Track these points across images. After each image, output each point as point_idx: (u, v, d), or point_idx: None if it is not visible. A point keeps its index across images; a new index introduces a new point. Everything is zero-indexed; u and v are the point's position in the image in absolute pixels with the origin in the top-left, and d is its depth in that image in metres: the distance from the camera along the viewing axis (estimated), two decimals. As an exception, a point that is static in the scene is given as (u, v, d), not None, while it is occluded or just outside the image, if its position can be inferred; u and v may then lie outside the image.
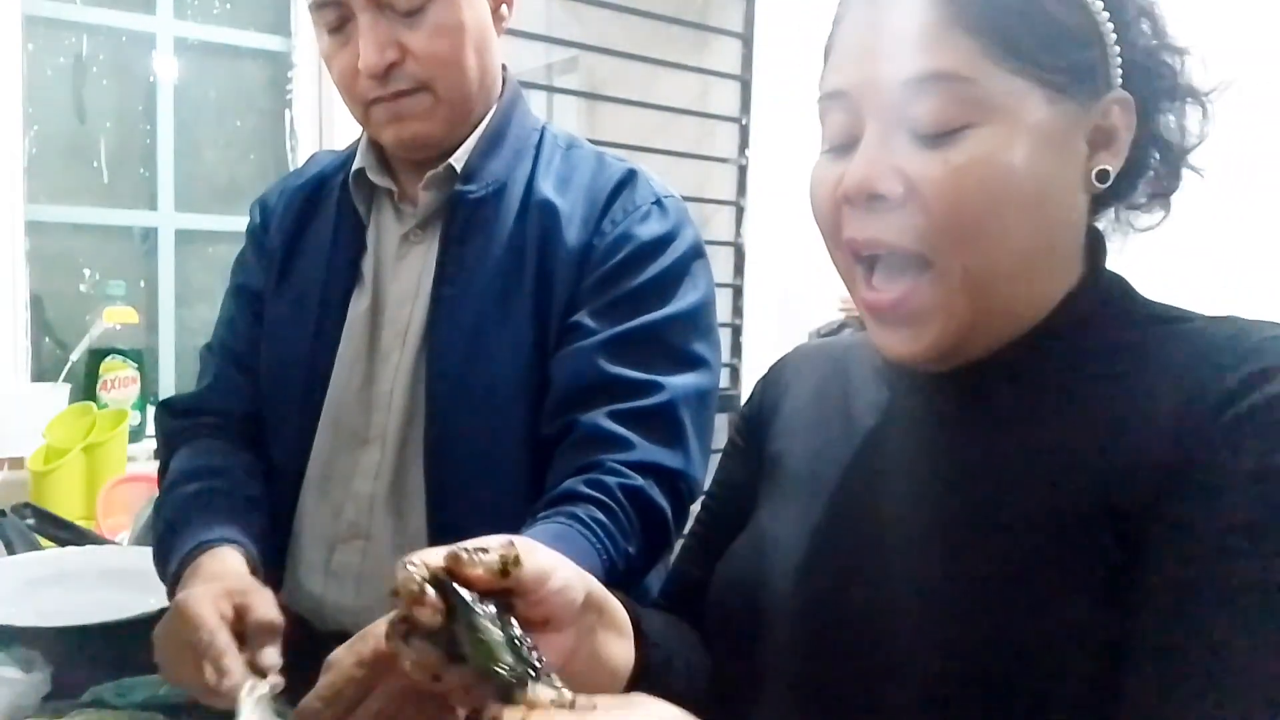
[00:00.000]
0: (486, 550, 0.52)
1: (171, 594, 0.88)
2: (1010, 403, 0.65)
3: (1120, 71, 0.64)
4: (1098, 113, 0.63)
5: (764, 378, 0.87)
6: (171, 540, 0.94)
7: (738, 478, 0.84)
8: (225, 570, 0.88)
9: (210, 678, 0.75)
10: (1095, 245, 0.68)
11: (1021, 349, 0.66)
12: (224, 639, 0.77)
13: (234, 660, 0.76)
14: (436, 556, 0.51)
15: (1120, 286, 0.67)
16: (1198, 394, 0.57)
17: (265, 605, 0.81)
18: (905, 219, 0.62)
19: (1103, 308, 0.66)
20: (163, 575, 0.96)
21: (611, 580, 0.88)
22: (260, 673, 0.78)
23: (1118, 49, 0.63)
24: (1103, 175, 0.64)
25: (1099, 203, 0.68)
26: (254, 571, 0.91)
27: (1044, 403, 0.64)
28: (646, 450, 0.94)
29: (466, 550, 0.51)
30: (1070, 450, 0.61)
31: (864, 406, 0.75)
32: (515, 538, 0.55)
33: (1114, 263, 0.69)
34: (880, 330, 0.66)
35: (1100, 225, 0.70)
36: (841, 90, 0.65)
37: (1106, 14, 0.62)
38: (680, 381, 0.97)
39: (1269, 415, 0.54)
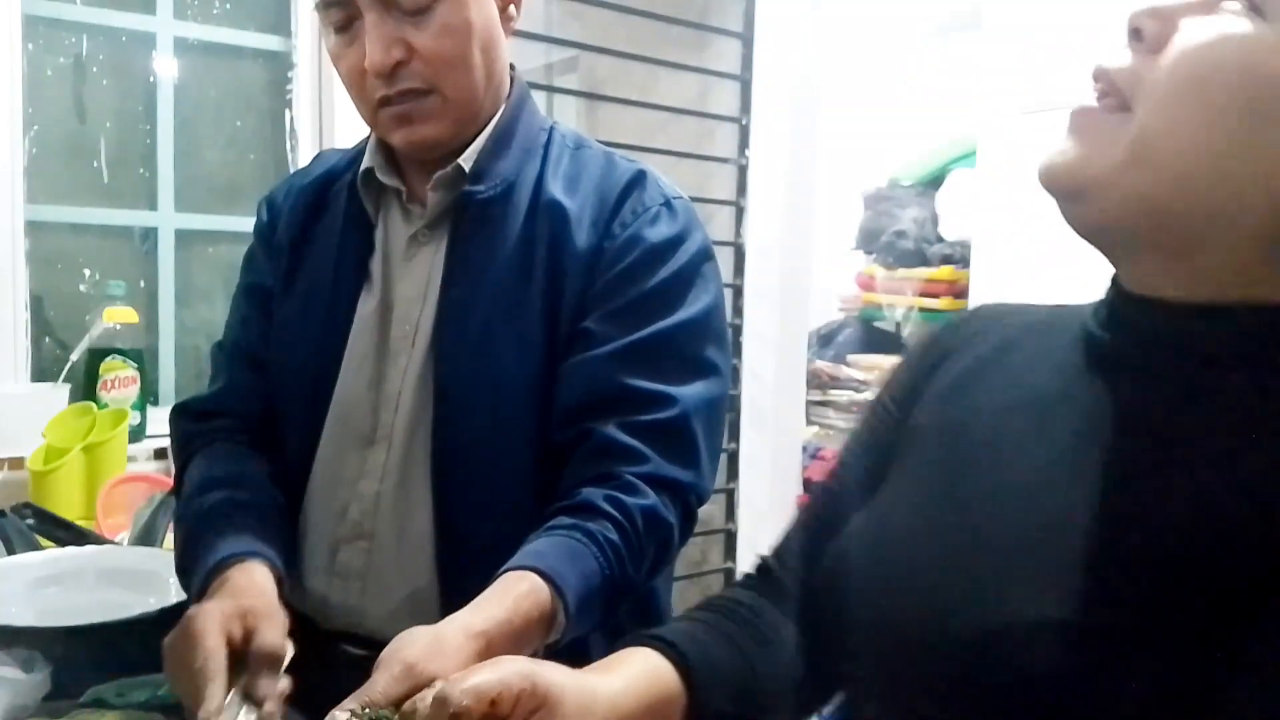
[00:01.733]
0: None
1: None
2: (1204, 424, 0.57)
3: None
4: None
5: (935, 335, 0.78)
6: (196, 553, 0.93)
7: (877, 445, 0.76)
8: (250, 586, 0.87)
9: (195, 701, 0.75)
10: None
11: (1232, 348, 0.57)
12: (215, 665, 0.75)
13: (217, 689, 0.75)
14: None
15: None
16: None
17: (272, 632, 0.80)
18: (1143, 65, 0.57)
19: None
20: (186, 587, 0.96)
21: (609, 595, 0.89)
22: (257, 701, 0.77)
23: None
24: None
25: None
26: (280, 583, 0.90)
27: (1243, 428, 0.56)
28: (660, 465, 0.94)
29: None
30: (1251, 493, 0.53)
31: (1027, 392, 0.66)
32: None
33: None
34: (1060, 140, 0.61)
35: None
36: None
37: None
38: (692, 392, 0.98)
39: None
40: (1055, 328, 0.69)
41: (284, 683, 0.80)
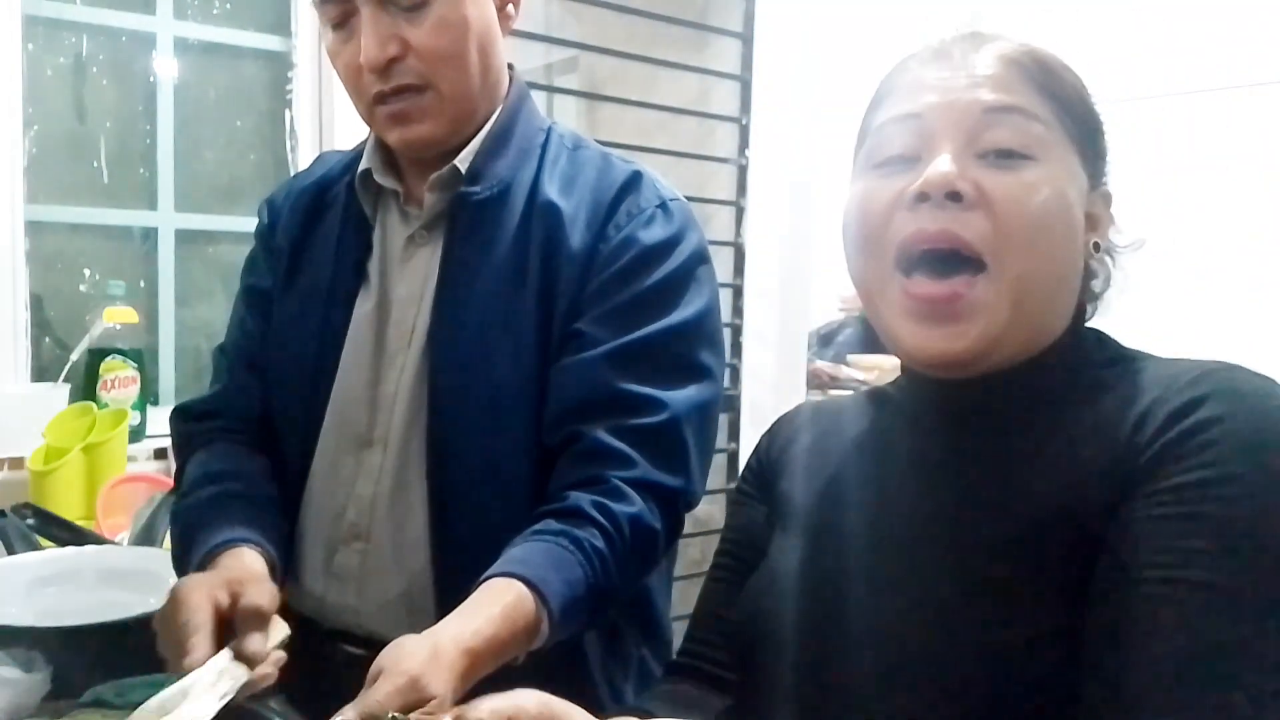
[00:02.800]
0: None
1: None
2: (991, 438, 0.73)
3: (1107, 175, 0.77)
4: (1093, 199, 0.75)
5: (768, 432, 0.94)
6: (191, 543, 0.94)
7: (752, 523, 0.89)
8: (237, 564, 0.88)
9: (179, 656, 0.75)
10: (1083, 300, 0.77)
11: (1011, 387, 0.73)
12: (200, 620, 0.76)
13: (201, 640, 0.75)
14: None
15: (1096, 333, 0.77)
16: (1146, 418, 0.65)
17: (258, 593, 0.81)
18: (976, 220, 0.69)
19: (1082, 347, 0.75)
20: (181, 576, 0.96)
21: (593, 603, 0.90)
22: (248, 661, 0.77)
23: (1108, 157, 0.76)
24: (1096, 246, 0.75)
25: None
26: (272, 570, 0.91)
27: (1021, 435, 0.72)
28: (647, 470, 0.94)
29: None
30: (1043, 472, 0.68)
31: (858, 453, 0.83)
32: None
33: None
34: (919, 328, 0.71)
35: None
36: (915, 114, 0.72)
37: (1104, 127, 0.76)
38: (684, 396, 0.98)
39: (1196, 437, 0.62)
40: (865, 403, 0.86)
41: (279, 654, 0.81)
